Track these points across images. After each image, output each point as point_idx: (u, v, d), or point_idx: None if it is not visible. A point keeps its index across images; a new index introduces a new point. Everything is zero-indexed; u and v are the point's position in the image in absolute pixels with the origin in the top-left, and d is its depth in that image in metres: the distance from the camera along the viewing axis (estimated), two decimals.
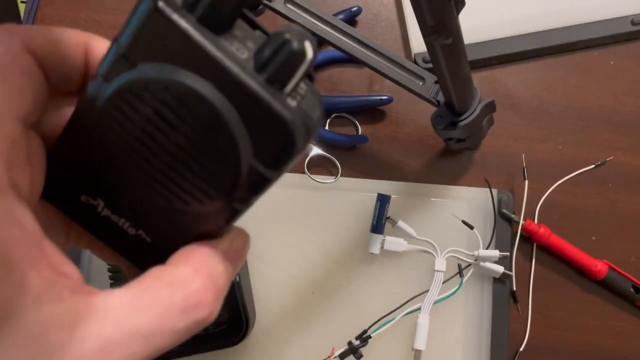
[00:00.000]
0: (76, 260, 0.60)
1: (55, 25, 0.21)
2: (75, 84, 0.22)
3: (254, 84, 0.18)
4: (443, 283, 0.58)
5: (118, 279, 0.56)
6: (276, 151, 0.19)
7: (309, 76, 0.20)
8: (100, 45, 0.21)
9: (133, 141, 0.19)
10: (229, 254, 0.21)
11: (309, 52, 0.17)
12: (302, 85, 0.19)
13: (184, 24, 0.17)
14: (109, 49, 0.19)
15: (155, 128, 0.19)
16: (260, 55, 0.18)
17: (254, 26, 0.20)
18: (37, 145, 0.22)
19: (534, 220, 0.61)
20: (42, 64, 0.20)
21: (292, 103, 0.18)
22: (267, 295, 0.60)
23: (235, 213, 0.20)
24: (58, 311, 0.18)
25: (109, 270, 0.57)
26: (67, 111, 0.22)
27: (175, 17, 0.17)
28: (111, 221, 0.22)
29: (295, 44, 0.17)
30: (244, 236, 0.22)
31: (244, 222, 0.22)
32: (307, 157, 0.63)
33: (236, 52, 0.18)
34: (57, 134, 0.22)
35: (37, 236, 0.18)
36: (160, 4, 0.17)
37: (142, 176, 0.20)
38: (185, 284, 0.19)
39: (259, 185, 0.20)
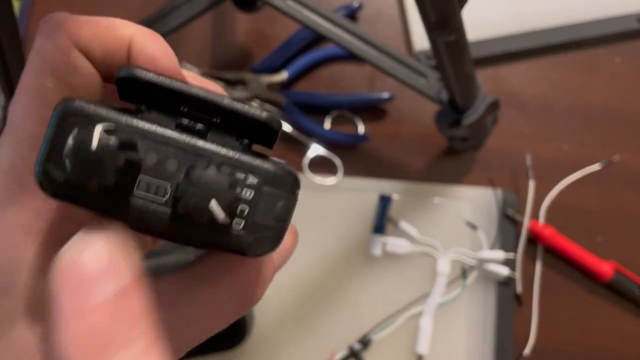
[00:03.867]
0: None
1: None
2: (114, 78, 0.21)
3: (187, 235, 0.18)
4: (446, 285, 0.57)
5: None
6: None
7: (270, 137, 0.19)
8: (144, 40, 0.20)
9: None
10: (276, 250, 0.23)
11: (218, 214, 0.16)
12: (247, 188, 0.18)
13: None
14: None
15: None
16: (176, 209, 0.17)
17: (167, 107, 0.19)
18: None
19: (539, 221, 0.60)
20: (88, 58, 0.20)
21: (238, 227, 0.17)
22: (266, 298, 0.59)
23: None
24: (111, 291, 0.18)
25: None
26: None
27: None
28: None
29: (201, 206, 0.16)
30: (292, 234, 0.23)
31: None
32: (307, 156, 0.62)
33: (153, 198, 0.17)
34: None
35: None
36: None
37: None
38: (232, 270, 0.20)
39: None
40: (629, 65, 0.65)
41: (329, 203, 0.61)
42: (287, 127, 0.62)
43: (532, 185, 0.60)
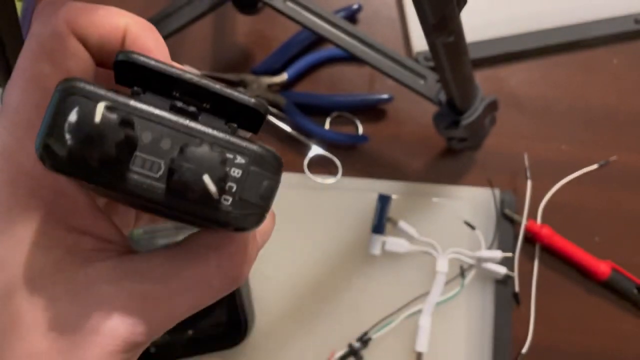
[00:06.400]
0: None
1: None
2: (107, 66, 0.21)
3: (180, 207, 0.18)
4: (445, 284, 0.57)
5: None
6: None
7: (256, 122, 0.20)
8: (138, 30, 0.21)
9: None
10: (259, 229, 0.24)
11: (210, 187, 0.17)
12: (235, 167, 0.19)
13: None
14: None
15: None
16: (171, 183, 0.18)
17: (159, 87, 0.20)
18: None
19: (536, 221, 0.60)
20: (84, 45, 0.21)
21: (226, 203, 0.19)
22: (266, 297, 0.59)
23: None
24: (104, 268, 0.20)
25: None
26: None
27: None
28: None
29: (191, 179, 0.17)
30: (271, 215, 0.24)
31: None
32: (307, 156, 0.62)
33: (148, 174, 0.18)
34: None
35: (92, 210, 0.21)
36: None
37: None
38: (221, 247, 0.21)
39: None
40: (627, 66, 0.65)
41: (328, 203, 0.61)
42: (287, 128, 0.63)
43: (530, 185, 0.61)
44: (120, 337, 0.19)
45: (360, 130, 0.64)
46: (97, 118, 0.17)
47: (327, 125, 0.64)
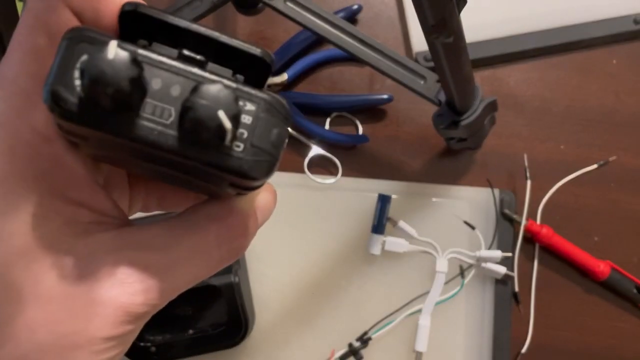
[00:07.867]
0: None
1: None
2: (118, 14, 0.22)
3: (192, 154, 0.18)
4: (444, 284, 0.58)
5: None
6: (244, 187, 0.20)
7: (261, 76, 0.20)
8: None
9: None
10: (259, 205, 0.24)
11: (226, 123, 0.17)
12: (246, 114, 0.18)
13: None
14: None
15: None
16: (184, 124, 0.18)
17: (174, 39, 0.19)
18: None
19: (536, 221, 0.61)
20: (79, 19, 0.21)
21: (237, 149, 0.18)
22: (267, 296, 0.60)
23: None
24: (104, 239, 0.20)
25: None
26: None
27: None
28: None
29: (207, 120, 0.17)
30: (272, 193, 0.25)
31: None
32: (307, 156, 0.62)
33: (159, 121, 0.18)
34: None
35: (91, 183, 0.21)
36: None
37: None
38: (221, 219, 0.21)
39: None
40: (626, 67, 0.66)
41: (329, 203, 0.62)
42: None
43: (529, 185, 0.61)
44: (121, 308, 0.19)
45: (360, 130, 0.64)
46: (111, 54, 0.16)
47: (327, 126, 0.64)
